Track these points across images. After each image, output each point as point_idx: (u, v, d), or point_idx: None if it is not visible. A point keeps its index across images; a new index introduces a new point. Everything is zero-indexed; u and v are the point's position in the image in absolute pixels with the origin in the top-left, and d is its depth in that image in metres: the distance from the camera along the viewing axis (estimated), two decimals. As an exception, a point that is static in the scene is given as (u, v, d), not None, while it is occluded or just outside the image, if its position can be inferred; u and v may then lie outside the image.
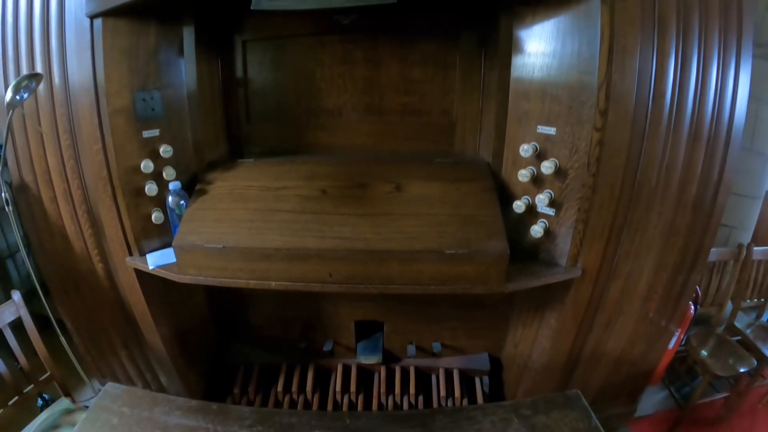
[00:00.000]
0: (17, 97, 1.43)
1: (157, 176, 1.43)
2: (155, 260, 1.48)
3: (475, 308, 1.62)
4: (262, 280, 1.25)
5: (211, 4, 1.36)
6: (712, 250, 2.16)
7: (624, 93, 1.27)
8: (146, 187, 1.42)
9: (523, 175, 1.27)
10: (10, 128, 1.59)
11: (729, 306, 2.37)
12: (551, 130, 1.26)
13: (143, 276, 1.55)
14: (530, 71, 1.28)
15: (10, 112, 1.45)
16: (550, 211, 1.31)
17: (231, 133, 1.52)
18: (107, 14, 1.34)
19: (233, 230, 1.25)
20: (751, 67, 1.48)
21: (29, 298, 1.85)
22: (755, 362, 2.10)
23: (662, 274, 1.63)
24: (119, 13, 1.34)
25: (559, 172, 1.28)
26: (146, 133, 1.41)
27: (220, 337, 1.85)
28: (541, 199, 1.28)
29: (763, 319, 2.51)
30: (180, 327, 1.75)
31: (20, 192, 1.70)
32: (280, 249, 1.19)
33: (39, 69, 1.53)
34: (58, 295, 1.85)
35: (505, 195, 1.36)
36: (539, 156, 1.29)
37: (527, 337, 1.61)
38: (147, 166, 1.40)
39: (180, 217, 1.41)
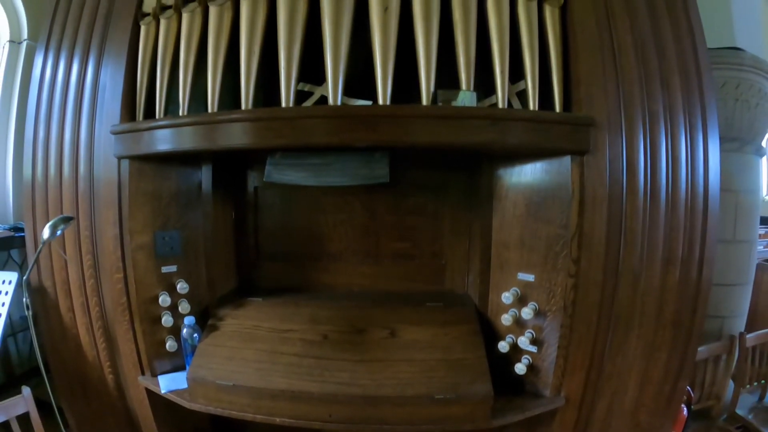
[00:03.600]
0: (51, 236, 1.64)
1: (173, 308, 1.62)
2: (167, 384, 1.63)
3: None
4: (268, 416, 1.40)
5: (226, 159, 1.60)
6: (702, 348, 2.28)
7: (595, 240, 1.46)
8: (162, 319, 1.60)
9: (506, 319, 1.45)
10: (37, 261, 1.79)
11: (731, 385, 2.44)
12: (530, 277, 1.45)
13: (153, 394, 1.70)
14: (509, 223, 1.48)
15: (41, 246, 1.66)
16: (533, 348, 1.48)
17: (241, 269, 1.73)
18: (133, 158, 1.56)
19: (242, 369, 1.42)
20: (718, 199, 1.64)
21: (27, 378, 1.96)
22: (758, 450, 2.15)
23: (648, 387, 1.75)
24: (144, 159, 1.57)
25: (539, 314, 1.46)
26: (165, 269, 1.61)
27: (221, 451, 1.96)
28: (523, 341, 1.45)
29: (766, 401, 2.58)
30: (184, 439, 1.87)
31: (37, 293, 1.85)
32: (285, 391, 1.35)
33: (67, 197, 1.75)
34: (64, 393, 1.97)
35: (491, 333, 1.53)
36: (521, 300, 1.47)
37: (520, 455, 1.72)
38: (165, 300, 1.59)
39: (192, 347, 1.59)
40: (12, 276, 1.96)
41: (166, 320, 1.58)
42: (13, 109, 2.74)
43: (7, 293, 1.91)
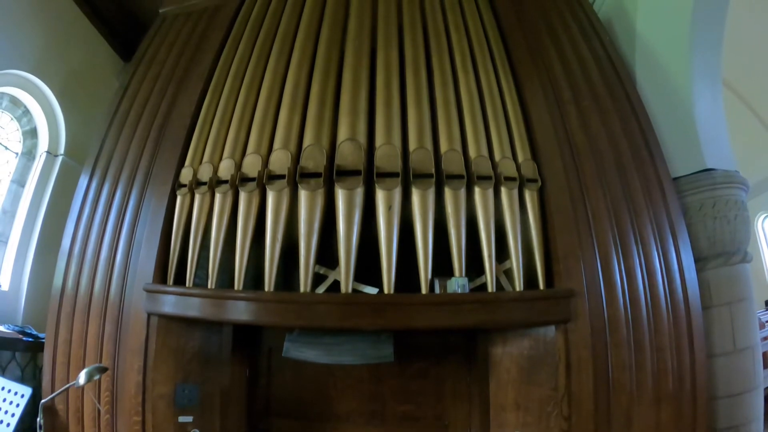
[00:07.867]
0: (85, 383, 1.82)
1: (187, 458, 1.81)
2: None
3: None
4: None
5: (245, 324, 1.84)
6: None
7: (584, 396, 1.63)
8: (176, 468, 1.79)
9: (506, 482, 1.65)
10: (52, 402, 1.96)
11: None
12: (526, 438, 1.66)
13: None
14: (505, 387, 1.71)
15: (69, 385, 1.83)
16: (535, 504, 1.65)
17: (251, 424, 1.93)
18: (162, 316, 1.80)
19: None
20: (703, 331, 1.85)
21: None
22: None
23: None
24: (172, 318, 1.80)
25: (537, 472, 1.65)
26: (182, 419, 1.79)
27: None
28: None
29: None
30: None
31: (47, 412, 1.93)
32: None
33: (92, 330, 1.93)
34: None
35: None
36: (518, 460, 1.67)
37: None
38: (181, 452, 1.79)
39: (205, 497, 1.76)
40: (26, 390, 2.03)
41: (180, 471, 1.78)
42: (40, 217, 2.94)
43: (18, 405, 2.00)
